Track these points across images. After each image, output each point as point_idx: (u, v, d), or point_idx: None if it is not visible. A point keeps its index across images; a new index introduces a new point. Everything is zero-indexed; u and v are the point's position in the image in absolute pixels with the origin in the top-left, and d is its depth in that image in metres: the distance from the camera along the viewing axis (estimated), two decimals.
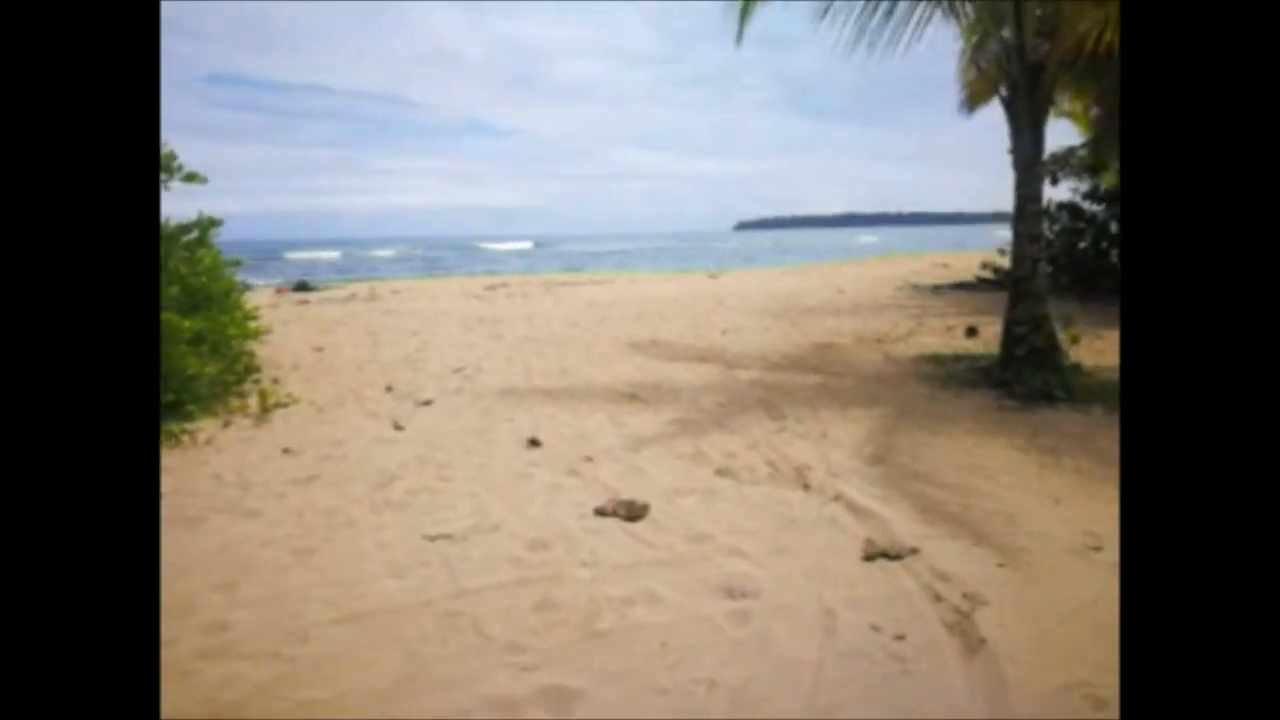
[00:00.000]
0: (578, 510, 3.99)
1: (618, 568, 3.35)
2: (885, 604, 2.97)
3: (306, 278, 24.67)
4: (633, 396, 6.42)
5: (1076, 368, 6.31)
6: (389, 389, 7.05)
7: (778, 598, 3.05)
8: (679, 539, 3.62)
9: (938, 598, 3.00)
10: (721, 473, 4.52)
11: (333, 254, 58.45)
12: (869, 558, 3.37)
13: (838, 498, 4.07)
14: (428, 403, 6.47)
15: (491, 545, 3.61)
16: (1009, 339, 6.54)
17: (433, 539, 3.71)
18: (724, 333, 10.08)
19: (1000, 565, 3.25)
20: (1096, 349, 7.91)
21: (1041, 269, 6.52)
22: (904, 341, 9.04)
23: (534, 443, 5.15)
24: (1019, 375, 6.15)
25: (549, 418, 5.84)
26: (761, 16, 7.58)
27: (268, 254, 55.27)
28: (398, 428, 5.73)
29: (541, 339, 9.68)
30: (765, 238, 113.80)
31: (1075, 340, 6.18)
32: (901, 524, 3.69)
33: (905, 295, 15.26)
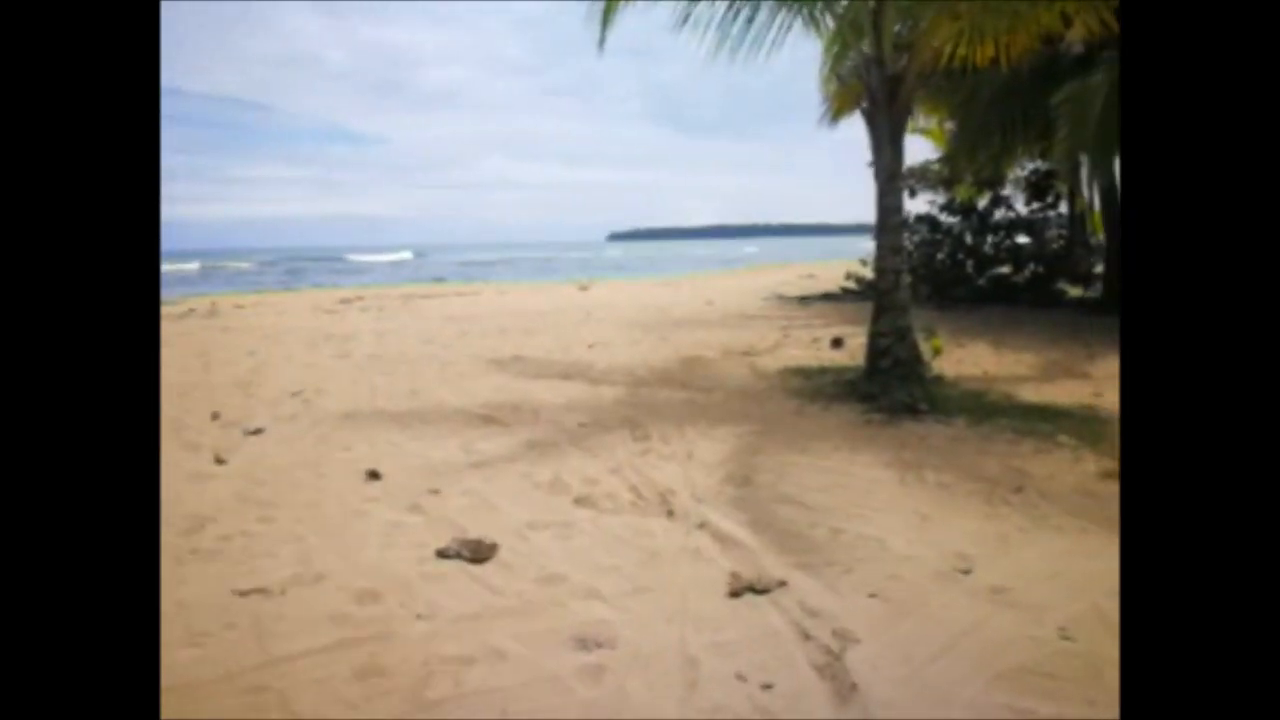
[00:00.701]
0: (418, 553, 3.60)
1: (458, 620, 2.99)
2: (752, 647, 2.76)
3: None
4: (488, 419, 6.04)
5: (939, 379, 6.44)
6: (215, 416, 6.35)
7: (636, 646, 2.78)
8: (529, 582, 3.30)
9: (807, 636, 2.82)
10: (580, 502, 4.23)
11: (190, 266, 54.43)
12: (735, 593, 3.16)
13: (703, 525, 3.86)
14: (257, 431, 5.86)
15: (313, 599, 3.17)
16: (874, 351, 6.61)
17: (244, 594, 3.23)
18: (591, 347, 9.83)
19: (871, 596, 3.11)
20: (957, 359, 8.18)
21: (904, 280, 6.63)
22: (771, 354, 9.07)
23: (373, 475, 4.69)
24: (884, 388, 6.20)
25: (393, 446, 5.37)
26: (627, 26, 7.44)
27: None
28: (219, 461, 5.12)
29: (391, 357, 9.09)
30: (640, 248, 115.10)
31: (938, 352, 6.32)
32: (769, 553, 3.52)
33: (773, 306, 15.55)
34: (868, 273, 17.22)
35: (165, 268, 49.22)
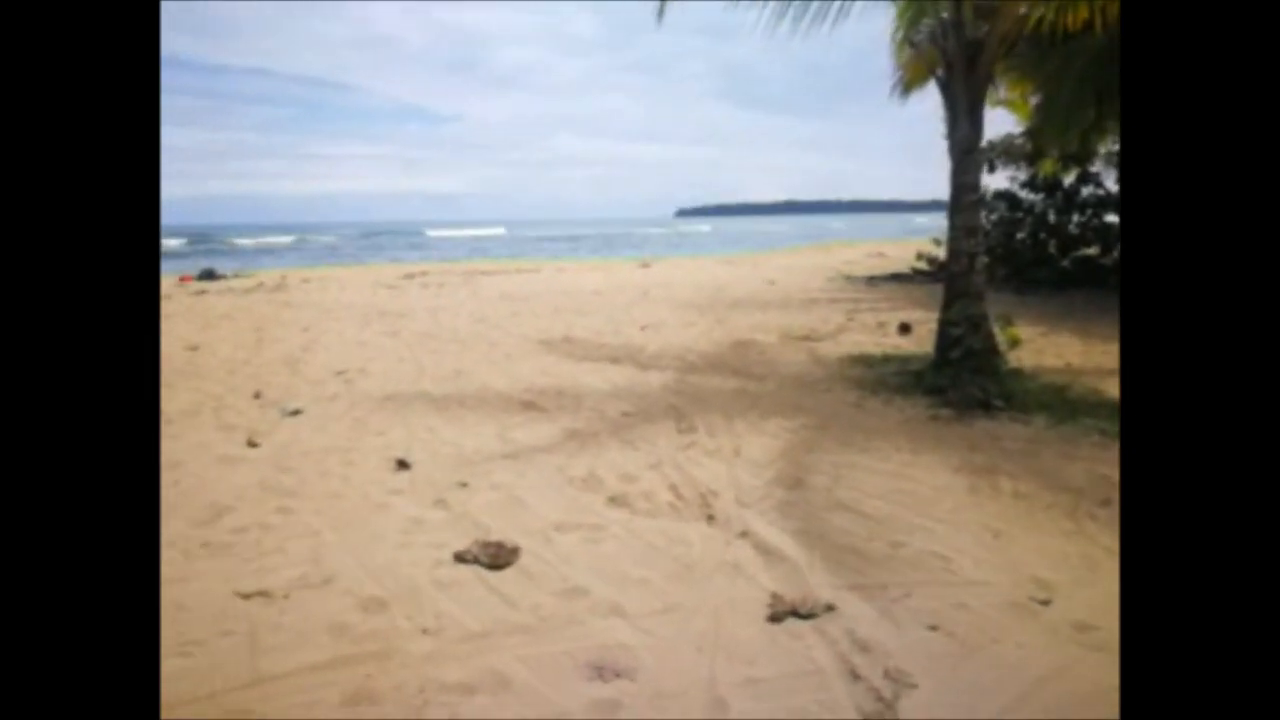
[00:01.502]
0: (434, 554, 3.35)
1: (466, 638, 2.72)
2: (790, 687, 2.42)
3: (214, 266, 23.09)
4: (529, 405, 5.77)
5: (1017, 373, 5.90)
6: (257, 395, 6.26)
7: (658, 680, 2.46)
8: (548, 594, 3.00)
9: (855, 676, 2.46)
10: (614, 501, 3.92)
11: (284, 239, 56.11)
12: (775, 618, 2.81)
13: (745, 534, 3.51)
14: (296, 412, 5.72)
15: (315, 606, 2.94)
16: (943, 340, 6.11)
17: (246, 597, 3.03)
18: (643, 329, 9.49)
19: (932, 628, 2.72)
20: (1037, 348, 7.58)
21: (979, 264, 6.09)
22: (833, 339, 8.59)
23: (402, 464, 4.47)
24: (954, 380, 5.71)
25: (428, 431, 5.15)
26: (699, 5, 7.05)
27: (211, 238, 53.46)
28: (252, 444, 4.98)
29: (442, 336, 8.92)
30: (707, 224, 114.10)
31: (1016, 343, 5.78)
32: (817, 570, 3.15)
33: (838, 287, 14.93)
34: (940, 253, 16.43)
35: (247, 241, 50.98)
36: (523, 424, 5.30)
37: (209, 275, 19.66)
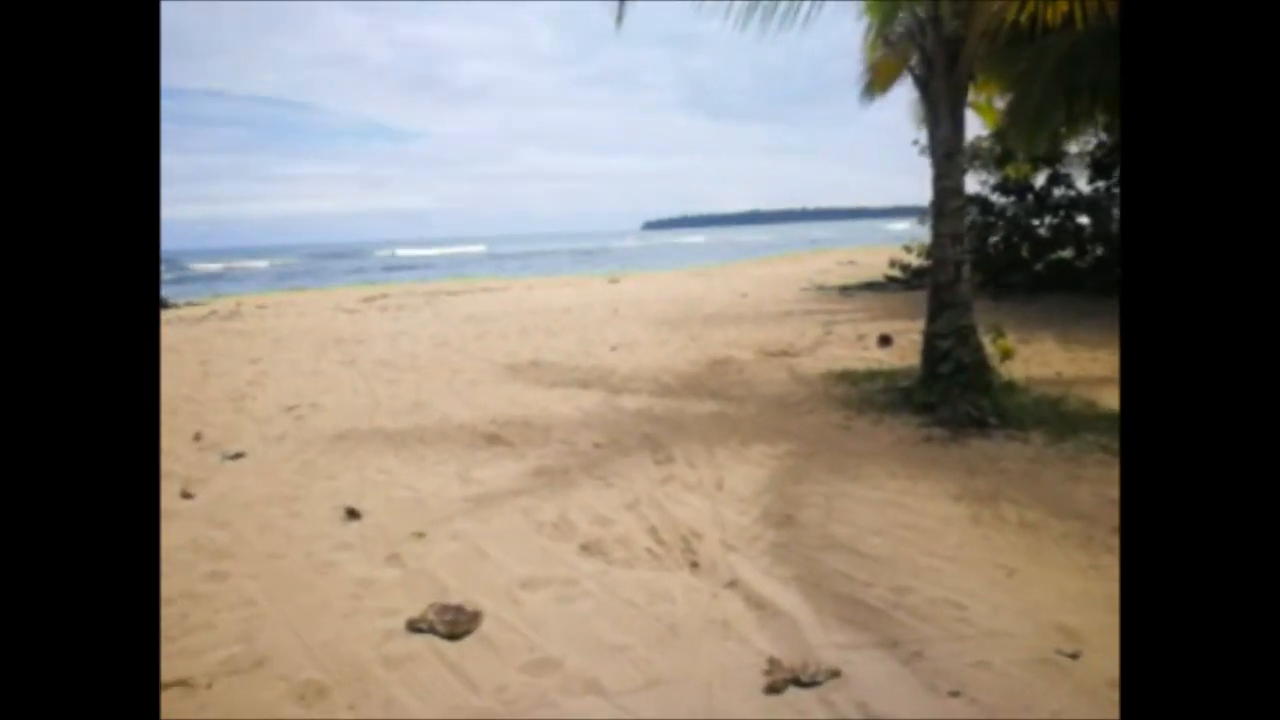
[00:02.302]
0: (385, 624, 2.97)
1: None
2: None
3: (172, 294, 22.39)
4: (494, 439, 5.40)
5: (1009, 386, 5.64)
6: (197, 437, 5.81)
7: None
8: (515, 668, 2.65)
9: None
10: (588, 550, 3.57)
11: (247, 263, 55.29)
12: (774, 688, 2.49)
13: (733, 583, 3.18)
14: (238, 456, 5.29)
15: (243, 697, 2.56)
16: (931, 354, 5.84)
17: (164, 688, 2.63)
18: (614, 349, 9.15)
19: (953, 695, 2.41)
20: (1022, 358, 7.34)
21: (965, 273, 5.84)
22: (812, 354, 8.32)
23: (352, 514, 4.08)
24: (945, 397, 5.44)
25: (383, 473, 4.76)
26: (662, 15, 6.76)
27: (172, 264, 52.15)
28: (186, 496, 4.55)
29: (401, 364, 8.50)
30: (674, 235, 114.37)
31: (1008, 355, 5.53)
32: (817, 627, 2.82)
33: (812, 298, 14.71)
34: (914, 260, 16.31)
35: (211, 266, 49.87)
36: (487, 461, 4.93)
37: (160, 304, 19.03)
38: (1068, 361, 7.40)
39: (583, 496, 4.23)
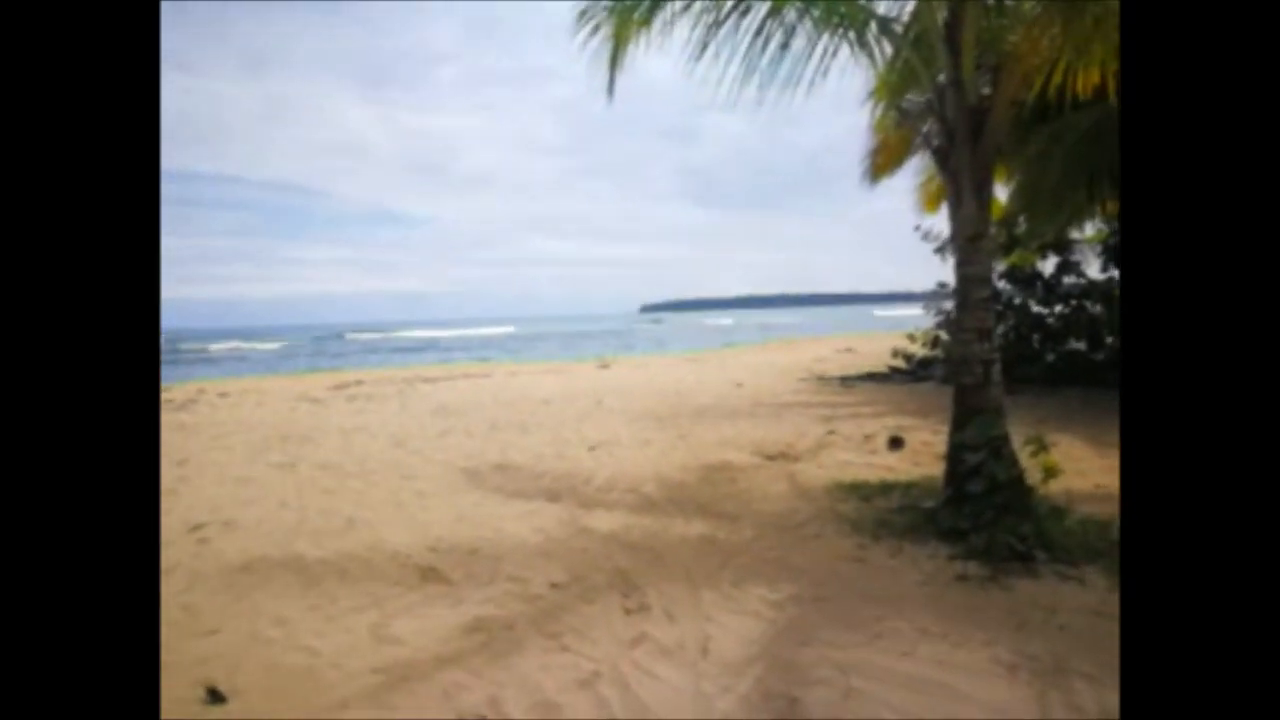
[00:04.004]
0: None
1: None
2: None
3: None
4: (429, 573, 4.47)
5: (1056, 511, 4.75)
6: None
7: None
8: None
9: None
10: None
11: (241, 344, 55.22)
12: None
13: None
14: None
15: None
16: (957, 468, 4.98)
17: None
18: (592, 449, 8.26)
19: None
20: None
21: (996, 374, 5.04)
22: (814, 458, 7.43)
23: (215, 695, 3.13)
24: (977, 521, 4.56)
25: (278, 627, 3.81)
26: (661, 110, 6.26)
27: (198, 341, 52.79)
28: None
29: (346, 468, 7.56)
30: (670, 319, 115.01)
31: (1053, 473, 4.66)
32: None
33: (811, 389, 13.91)
34: (918, 349, 15.62)
35: (209, 346, 49.53)
36: (414, 607, 3.99)
37: None
38: (1106, 470, 6.54)
39: (526, 668, 3.29)
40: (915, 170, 11.24)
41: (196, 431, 10.39)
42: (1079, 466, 6.69)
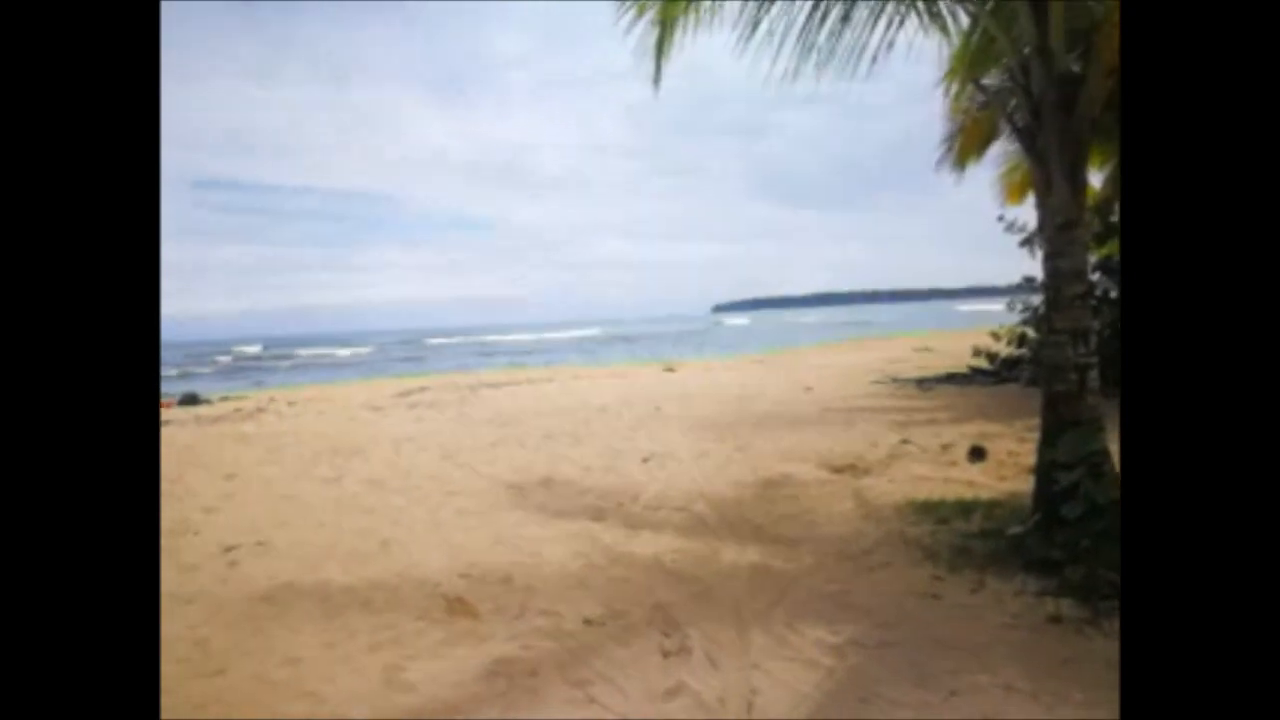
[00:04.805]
0: None
1: None
2: None
3: (196, 390, 22.07)
4: (456, 605, 4.15)
5: None
6: None
7: None
8: None
9: None
10: None
11: (362, 349, 57.30)
12: None
13: None
14: None
15: None
16: (1048, 489, 4.43)
17: None
18: (646, 460, 7.88)
19: None
20: None
21: (1093, 381, 4.47)
22: (885, 471, 6.88)
23: None
24: (1073, 552, 4.02)
25: (289, 666, 3.54)
26: (730, 106, 5.95)
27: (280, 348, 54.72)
28: None
29: (391, 484, 7.33)
30: (744, 318, 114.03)
31: None
32: None
33: (885, 392, 13.25)
34: (1003, 348, 14.74)
35: (300, 352, 51.04)
36: (435, 646, 3.67)
37: (191, 400, 18.58)
38: None
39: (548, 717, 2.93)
40: (996, 161, 10.53)
41: (254, 443, 10.41)
42: None
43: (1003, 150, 9.64)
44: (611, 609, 4.01)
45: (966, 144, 8.70)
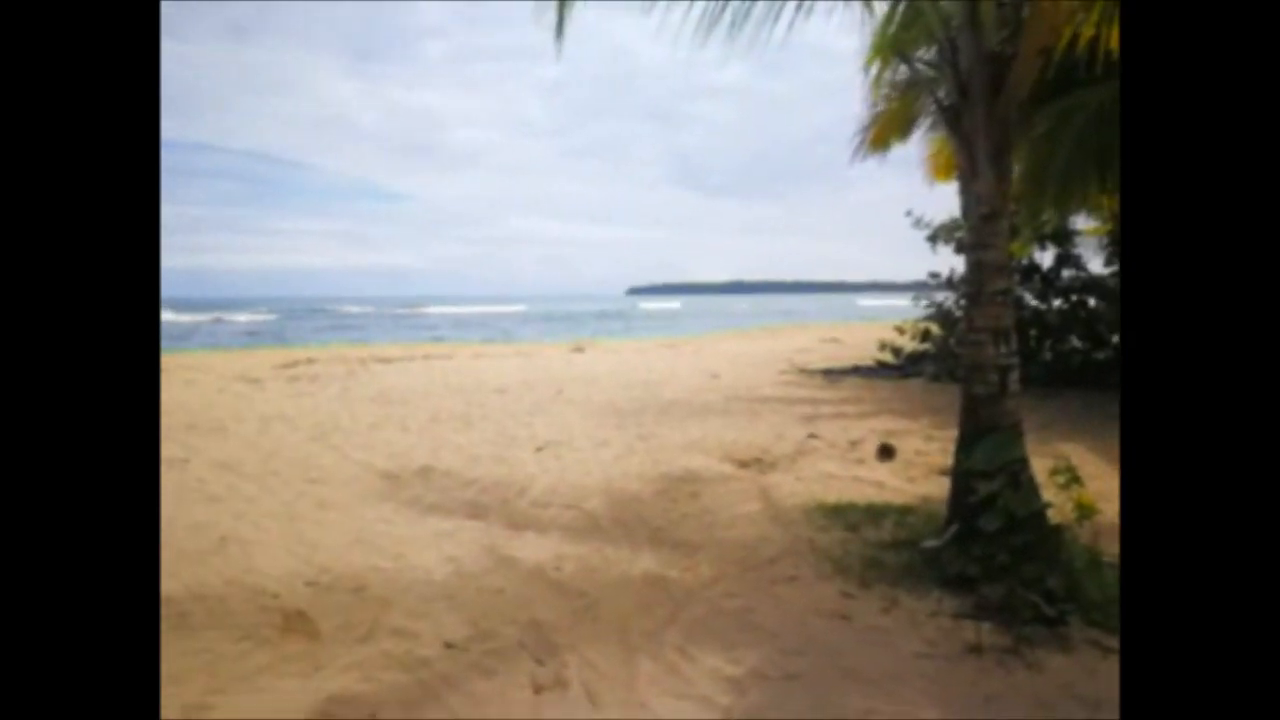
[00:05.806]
0: None
1: None
2: None
3: None
4: (291, 622, 3.51)
5: (1094, 562, 3.85)
6: None
7: None
8: None
9: None
10: None
11: (262, 316, 53.66)
12: None
13: None
14: None
15: None
16: (964, 498, 4.09)
17: None
18: (540, 449, 7.31)
19: None
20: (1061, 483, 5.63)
21: (1014, 384, 4.15)
22: (792, 468, 6.52)
23: None
24: (990, 567, 3.69)
25: None
26: (650, 92, 5.34)
27: (174, 311, 49.83)
28: None
29: (246, 468, 6.53)
30: (656, 303, 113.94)
31: (1088, 514, 3.76)
32: None
33: (792, 382, 13.03)
34: (907, 342, 14.77)
35: (185, 317, 47.33)
36: (254, 676, 3.05)
37: None
38: None
39: None
40: (919, 145, 10.32)
41: None
42: (1096, 487, 5.82)
43: (925, 136, 9.43)
44: (479, 628, 3.46)
45: (881, 131, 8.41)
